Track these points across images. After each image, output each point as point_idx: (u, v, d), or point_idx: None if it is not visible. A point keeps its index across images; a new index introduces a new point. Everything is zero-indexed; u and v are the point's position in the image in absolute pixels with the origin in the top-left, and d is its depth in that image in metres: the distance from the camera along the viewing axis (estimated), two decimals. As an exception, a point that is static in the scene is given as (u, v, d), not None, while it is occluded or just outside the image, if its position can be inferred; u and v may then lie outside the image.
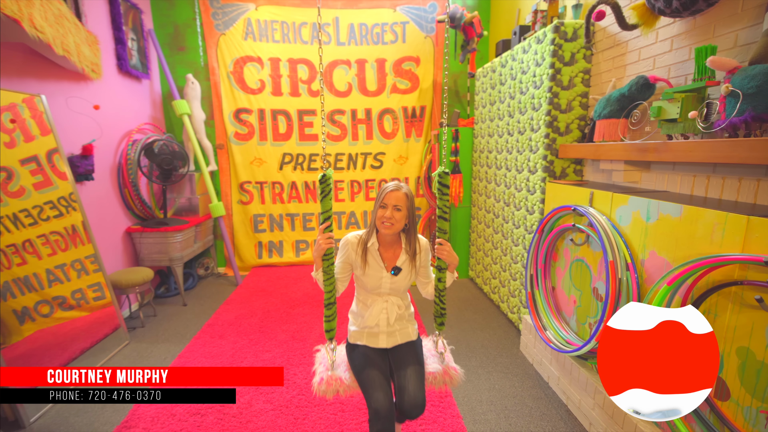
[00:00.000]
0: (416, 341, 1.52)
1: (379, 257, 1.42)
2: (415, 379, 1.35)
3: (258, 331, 2.76)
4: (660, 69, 1.74)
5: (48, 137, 2.28)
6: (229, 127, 3.97)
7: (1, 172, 2.00)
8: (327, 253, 1.37)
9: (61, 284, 2.27)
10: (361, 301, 1.49)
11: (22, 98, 2.12)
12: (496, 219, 3.09)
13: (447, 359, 1.51)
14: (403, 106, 4.10)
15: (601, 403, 1.70)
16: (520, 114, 2.62)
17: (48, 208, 2.25)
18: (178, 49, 3.81)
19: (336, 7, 3.89)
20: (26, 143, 2.16)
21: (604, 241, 1.60)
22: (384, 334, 1.46)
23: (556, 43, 2.19)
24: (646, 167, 1.82)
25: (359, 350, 1.45)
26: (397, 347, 1.47)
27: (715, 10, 1.46)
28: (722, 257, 1.13)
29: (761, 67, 1.17)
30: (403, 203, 1.37)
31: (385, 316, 1.44)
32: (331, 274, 1.40)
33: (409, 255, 1.43)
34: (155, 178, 3.26)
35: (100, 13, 2.91)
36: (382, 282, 1.42)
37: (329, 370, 1.43)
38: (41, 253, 2.18)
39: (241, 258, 4.15)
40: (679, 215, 1.35)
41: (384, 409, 1.26)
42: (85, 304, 2.41)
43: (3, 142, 2.02)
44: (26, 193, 2.14)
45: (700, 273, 1.23)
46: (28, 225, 2.13)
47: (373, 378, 1.34)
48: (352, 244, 1.44)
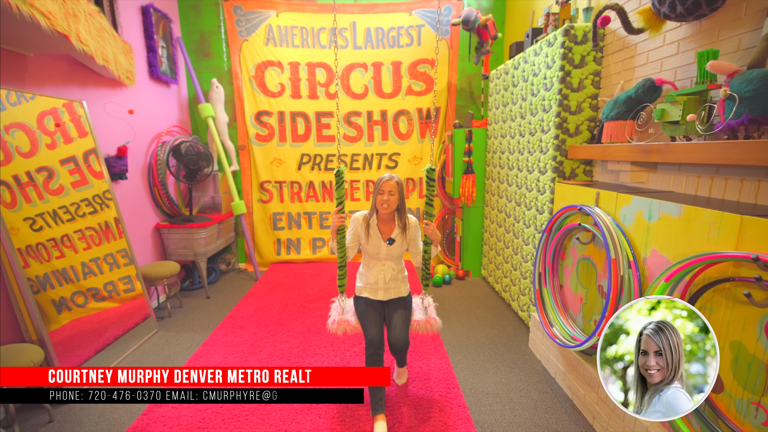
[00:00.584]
0: (407, 297, 1.95)
1: (377, 231, 1.88)
2: (401, 322, 1.81)
3: (276, 323, 2.90)
4: (667, 72, 1.78)
5: (85, 139, 2.46)
6: (250, 129, 4.15)
7: (43, 171, 2.19)
8: (340, 229, 1.84)
9: (95, 276, 2.43)
10: (365, 264, 1.96)
11: (62, 103, 2.31)
12: (507, 218, 3.14)
13: (430, 312, 1.94)
14: (417, 108, 4.19)
15: (604, 397, 1.75)
16: (531, 115, 2.67)
17: (84, 205, 2.42)
18: (203, 55, 4.01)
19: (353, 12, 4.01)
20: (65, 145, 2.34)
21: (608, 240, 1.65)
22: (381, 290, 1.92)
23: (566, 46, 2.23)
24: (653, 168, 1.85)
25: (362, 300, 1.92)
26: (391, 300, 1.92)
27: (719, 14, 1.49)
28: (715, 254, 1.18)
29: (758, 71, 1.21)
30: (395, 189, 1.82)
31: (383, 276, 1.90)
32: (343, 245, 1.88)
33: (401, 229, 1.88)
34: (182, 177, 3.46)
35: (133, 23, 3.12)
36: (380, 250, 1.88)
37: (340, 314, 1.92)
38: (77, 247, 2.33)
39: (261, 254, 4.33)
40: (678, 215, 1.39)
41: (376, 339, 1.74)
42: (116, 295, 2.57)
43: (45, 143, 2.20)
44: (65, 191, 2.30)
45: (697, 270, 1.27)
46: (66, 221, 2.28)
47: (371, 319, 1.82)
48: (358, 220, 1.91)
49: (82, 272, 2.35)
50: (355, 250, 1.94)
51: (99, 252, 2.49)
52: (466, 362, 2.37)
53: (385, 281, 1.90)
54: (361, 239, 1.90)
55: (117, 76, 2.63)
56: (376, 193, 1.85)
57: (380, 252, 1.88)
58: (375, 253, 1.89)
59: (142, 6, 3.23)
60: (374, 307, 1.88)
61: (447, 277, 3.74)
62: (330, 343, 2.58)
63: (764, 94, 1.18)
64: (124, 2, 2.96)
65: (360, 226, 1.89)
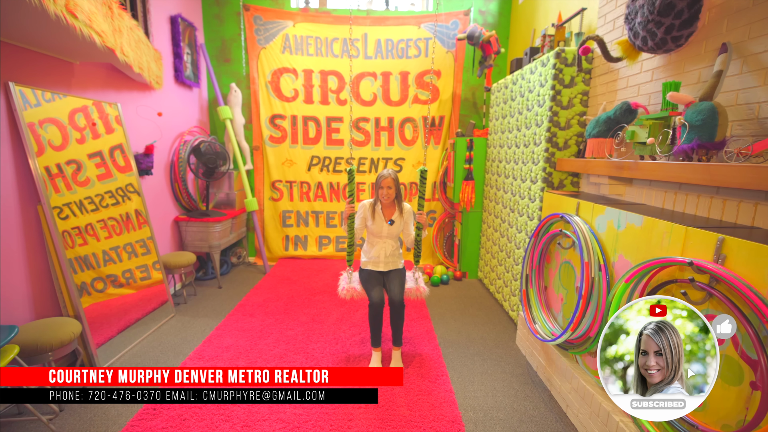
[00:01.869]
0: (402, 269, 2.45)
1: (381, 214, 2.38)
2: (398, 287, 2.32)
3: (283, 313, 3.14)
4: (643, 96, 1.97)
5: (111, 135, 2.63)
6: (264, 131, 4.41)
7: (72, 164, 2.35)
8: (350, 216, 2.32)
9: (114, 264, 2.57)
10: (369, 242, 2.46)
11: (92, 102, 2.48)
12: (502, 224, 3.34)
13: (419, 282, 2.42)
14: (423, 116, 4.41)
15: (576, 387, 1.94)
16: (525, 128, 2.87)
17: (107, 197, 2.59)
18: (224, 60, 4.28)
19: (365, 24, 4.26)
20: (93, 140, 2.49)
21: (582, 245, 1.85)
22: (382, 263, 2.40)
23: (557, 68, 2.44)
24: (628, 182, 2.04)
25: (366, 271, 2.41)
26: (389, 271, 2.42)
27: (684, 50, 1.69)
28: (662, 259, 1.37)
29: (707, 103, 1.41)
30: (392, 183, 2.31)
31: (383, 251, 2.40)
32: (352, 228, 2.36)
33: (399, 212, 2.38)
34: (201, 174, 3.72)
35: (162, 30, 3.39)
36: (383, 229, 2.38)
37: (348, 283, 2.39)
38: (99, 236, 2.48)
39: (270, 249, 4.57)
40: (640, 224, 1.59)
41: (377, 299, 2.25)
42: (133, 282, 2.74)
43: (75, 138, 2.36)
44: (90, 183, 2.46)
45: (652, 272, 1.47)
46: (91, 211, 2.43)
47: (373, 284, 2.32)
48: (365, 206, 2.42)
49: (103, 259, 2.49)
50: (362, 232, 2.43)
51: (119, 241, 2.65)
52: (456, 354, 2.57)
53: (385, 256, 2.39)
54: (368, 221, 2.39)
55: (148, 81, 2.90)
56: (378, 187, 2.33)
57: (383, 231, 2.37)
58: (378, 232, 2.38)
59: (171, 16, 3.50)
60: (376, 276, 2.36)
61: (445, 277, 3.94)
62: (332, 332, 2.80)
63: (710, 124, 1.38)
64: (155, 12, 3.23)
65: (367, 211, 2.40)
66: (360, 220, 2.40)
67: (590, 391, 1.82)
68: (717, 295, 1.19)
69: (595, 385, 1.85)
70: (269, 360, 2.42)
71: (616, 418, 1.61)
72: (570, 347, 2.09)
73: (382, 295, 2.29)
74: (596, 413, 1.75)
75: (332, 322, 2.97)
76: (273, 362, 2.40)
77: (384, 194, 2.31)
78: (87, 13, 1.74)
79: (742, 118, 1.44)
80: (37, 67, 2.18)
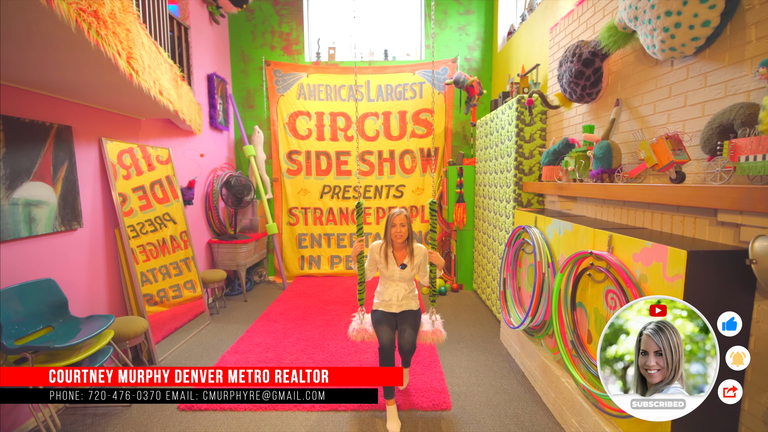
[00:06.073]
0: (416, 311, 2.32)
1: (393, 258, 2.28)
2: (410, 328, 2.19)
3: (301, 319, 3.67)
4: (579, 134, 2.56)
5: (152, 172, 3.18)
6: (283, 165, 5.10)
7: (119, 196, 2.83)
8: (360, 253, 2.27)
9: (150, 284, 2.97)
10: (383, 284, 2.34)
11: (137, 144, 3.04)
12: (488, 239, 3.88)
13: (437, 325, 2.29)
14: (420, 148, 5.06)
15: (539, 364, 2.42)
16: (501, 158, 3.47)
17: (147, 225, 3.08)
18: (248, 107, 5.05)
19: (368, 73, 5.01)
20: (137, 176, 2.97)
21: (536, 248, 2.39)
22: (395, 305, 2.29)
23: (519, 110, 3.06)
24: (573, 200, 2.60)
25: (378, 312, 2.29)
26: (402, 312, 2.29)
27: (597, 101, 2.29)
28: (578, 253, 1.91)
29: (605, 142, 1.98)
30: (405, 221, 2.23)
31: (396, 294, 2.28)
32: (362, 264, 2.30)
33: (410, 256, 2.27)
34: (230, 203, 4.38)
35: (201, 86, 4.15)
36: (394, 273, 2.27)
37: (359, 324, 2.31)
38: (138, 259, 2.87)
39: (287, 268, 5.15)
40: (571, 230, 2.13)
41: (387, 342, 2.11)
42: (179, 296, 3.26)
43: (122, 175, 2.81)
44: (134, 213, 2.89)
45: (576, 263, 1.99)
46: (132, 237, 2.84)
47: (384, 326, 2.18)
48: (375, 250, 2.32)
49: (141, 281, 2.83)
50: (373, 273, 2.36)
51: (155, 264, 3.11)
52: (448, 347, 3.06)
53: (398, 299, 2.27)
54: (379, 265, 2.30)
55: (191, 129, 3.60)
56: (389, 226, 2.22)
57: (395, 275, 2.26)
58: (390, 276, 2.26)
59: (207, 74, 4.28)
60: (388, 318, 2.23)
61: (443, 289, 4.44)
62: (344, 333, 3.29)
63: (608, 156, 1.95)
64: (196, 72, 3.99)
65: (378, 255, 2.29)
66: (370, 263, 2.32)
67: (549, 365, 2.30)
68: (607, 275, 1.72)
69: (552, 360, 2.33)
70: (293, 353, 2.94)
71: (563, 380, 2.10)
72: (535, 333, 2.59)
73: (393, 337, 2.14)
74: (552, 382, 2.23)
75: (344, 325, 3.48)
76: (296, 355, 2.92)
77: (396, 232, 2.19)
78: (167, 90, 2.43)
79: (631, 151, 2.01)
80: (117, 124, 2.88)
